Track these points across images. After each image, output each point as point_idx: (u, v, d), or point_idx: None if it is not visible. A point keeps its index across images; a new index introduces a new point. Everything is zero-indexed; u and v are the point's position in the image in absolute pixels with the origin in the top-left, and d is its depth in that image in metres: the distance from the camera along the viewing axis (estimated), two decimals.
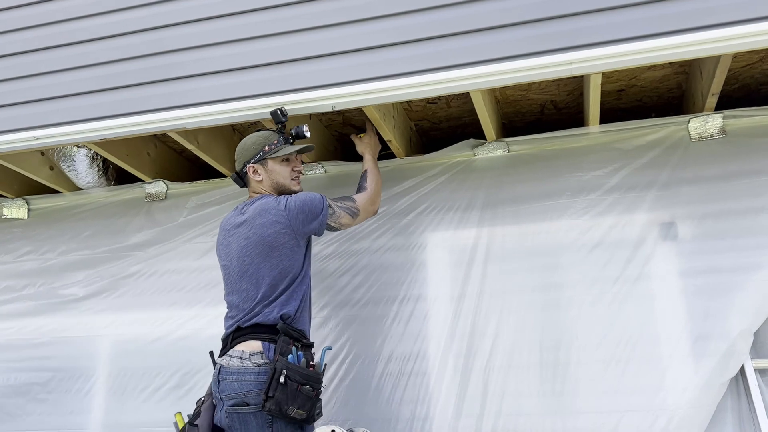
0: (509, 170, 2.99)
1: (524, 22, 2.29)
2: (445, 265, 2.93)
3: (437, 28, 2.38)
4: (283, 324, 2.26)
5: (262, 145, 2.54)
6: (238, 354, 2.26)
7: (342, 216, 2.51)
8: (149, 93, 2.70)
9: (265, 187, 2.55)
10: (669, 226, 2.72)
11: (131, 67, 2.74)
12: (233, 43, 2.62)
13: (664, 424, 2.47)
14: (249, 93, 2.57)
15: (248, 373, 2.21)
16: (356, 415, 2.78)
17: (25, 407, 3.25)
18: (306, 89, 2.51)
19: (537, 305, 2.76)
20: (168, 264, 3.28)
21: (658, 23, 2.17)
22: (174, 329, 3.16)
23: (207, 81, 2.63)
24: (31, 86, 2.85)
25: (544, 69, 2.28)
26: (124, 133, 2.73)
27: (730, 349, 2.49)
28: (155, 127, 2.70)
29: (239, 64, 2.59)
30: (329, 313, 2.96)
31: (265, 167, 2.54)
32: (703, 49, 2.16)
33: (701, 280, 2.62)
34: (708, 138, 2.79)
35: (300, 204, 2.41)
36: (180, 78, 2.67)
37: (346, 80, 2.46)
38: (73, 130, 2.77)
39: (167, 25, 2.73)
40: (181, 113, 2.64)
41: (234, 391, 2.20)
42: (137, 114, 2.69)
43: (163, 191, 3.43)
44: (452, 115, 3.17)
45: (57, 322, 3.34)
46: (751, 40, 2.12)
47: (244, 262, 2.38)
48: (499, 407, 2.66)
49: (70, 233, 3.51)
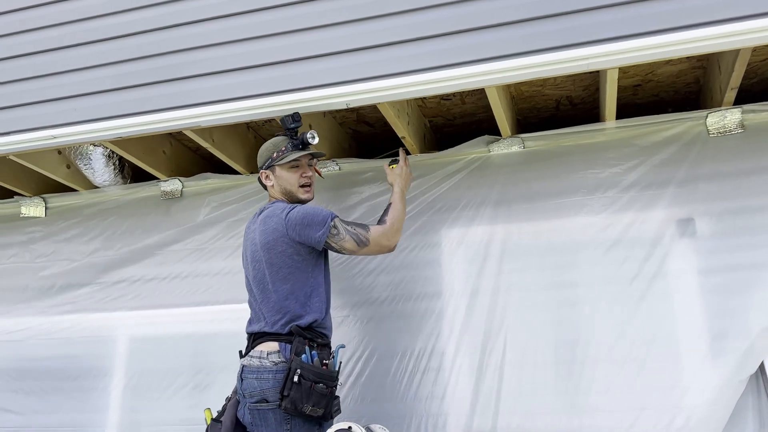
0: (524, 167, 2.97)
1: (540, 17, 2.27)
2: (460, 262, 2.92)
3: (452, 24, 2.37)
4: (296, 326, 2.32)
5: (272, 151, 2.57)
6: (258, 354, 2.33)
7: (346, 240, 2.39)
8: (164, 91, 2.71)
9: (276, 193, 2.59)
10: (687, 223, 2.69)
11: (147, 66, 2.75)
12: (248, 41, 2.62)
13: (682, 423, 2.45)
14: (264, 91, 2.57)
15: (266, 371, 2.27)
16: (372, 411, 2.78)
17: (43, 404, 3.28)
18: (320, 86, 2.50)
19: (553, 303, 2.74)
20: (188, 264, 3.29)
21: (675, 17, 2.14)
22: (194, 330, 3.17)
23: (222, 79, 2.63)
24: (48, 86, 2.87)
25: (560, 64, 2.26)
26: (140, 131, 2.75)
27: (750, 347, 2.46)
28: (170, 125, 2.71)
29: (254, 62, 2.59)
30: (347, 312, 2.97)
31: (274, 173, 2.57)
32: (722, 42, 2.13)
33: (720, 277, 2.59)
34: (726, 133, 2.75)
35: (301, 216, 2.39)
36: (195, 76, 2.67)
37: (360, 77, 2.46)
38: (89, 129, 2.78)
39: (182, 24, 2.74)
40: (196, 111, 2.65)
41: (254, 389, 2.27)
42: (153, 112, 2.70)
43: (178, 189, 3.44)
44: (466, 111, 3.16)
45: (75, 320, 3.37)
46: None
47: (255, 268, 2.45)
48: (514, 404, 2.65)
49: (89, 231, 3.53)
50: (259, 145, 3.43)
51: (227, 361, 2.98)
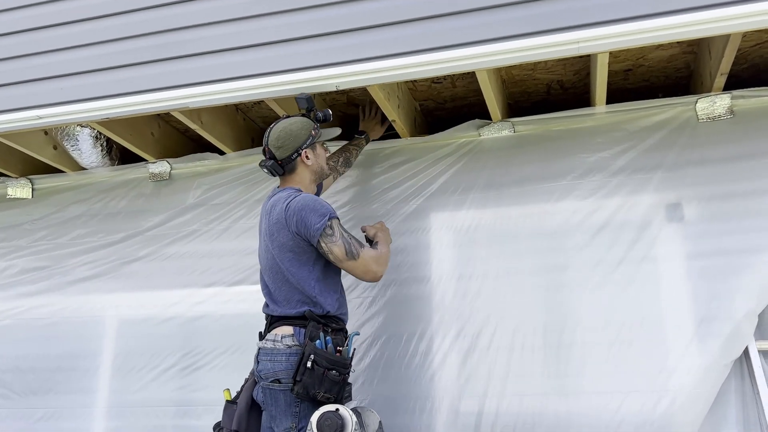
0: (515, 151, 2.97)
1: (531, 0, 2.26)
2: (449, 246, 2.92)
3: (442, 6, 2.34)
4: (310, 311, 2.32)
5: (308, 130, 2.52)
6: (272, 337, 2.34)
7: (337, 245, 2.31)
8: (152, 72, 2.68)
9: (306, 173, 2.53)
10: (675, 207, 2.71)
11: (134, 46, 2.72)
12: (236, 21, 2.59)
13: (667, 405, 2.48)
14: (252, 72, 2.54)
15: (280, 353, 2.28)
16: (361, 394, 2.79)
17: (32, 385, 3.27)
18: (310, 68, 2.48)
19: (542, 287, 2.76)
20: (176, 246, 3.28)
21: (666, 1, 2.13)
22: (182, 311, 3.17)
23: (210, 60, 2.61)
24: (34, 65, 2.84)
25: (551, 48, 2.25)
26: (128, 112, 2.72)
27: (735, 331, 2.49)
28: (158, 107, 2.69)
29: (243, 43, 2.56)
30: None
31: (314, 151, 2.55)
32: (713, 27, 2.13)
33: (707, 261, 2.61)
34: (716, 118, 2.76)
35: (302, 205, 2.35)
36: (183, 57, 2.64)
37: (350, 59, 2.44)
38: (76, 109, 2.75)
39: (170, 3, 2.70)
40: (184, 92, 2.62)
41: (268, 370, 2.29)
42: (140, 93, 2.67)
43: (167, 171, 3.42)
44: (457, 94, 3.15)
45: (64, 302, 3.35)
46: (763, 18, 2.09)
47: (268, 253, 2.42)
48: (502, 388, 2.67)
49: (76, 213, 3.51)
50: (248, 127, 3.44)
51: (215, 343, 3.00)
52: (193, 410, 2.98)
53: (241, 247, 3.15)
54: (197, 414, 2.98)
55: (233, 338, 3.00)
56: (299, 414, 2.23)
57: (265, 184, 3.21)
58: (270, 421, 2.32)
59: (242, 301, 3.07)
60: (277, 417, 2.27)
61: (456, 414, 2.69)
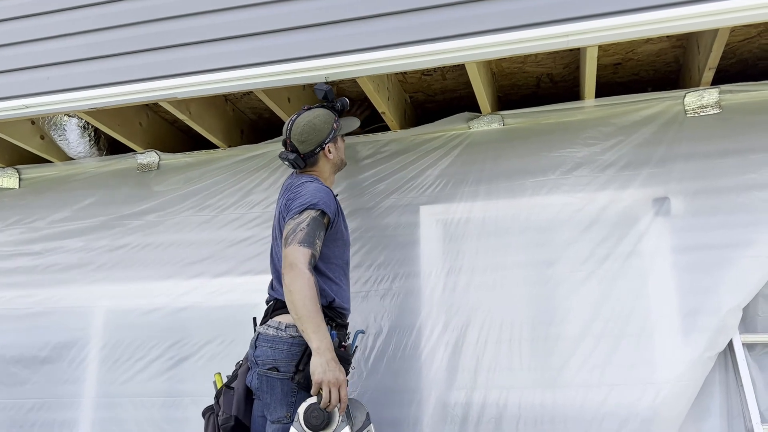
0: (504, 144, 2.97)
1: None
2: (438, 240, 2.93)
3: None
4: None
5: (330, 123, 2.55)
6: (275, 324, 2.32)
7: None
8: (141, 61, 2.66)
9: (327, 166, 2.57)
10: (662, 202, 2.72)
11: (123, 35, 2.69)
12: (225, 11, 2.57)
13: (652, 398, 2.50)
14: (241, 62, 2.53)
15: (282, 342, 2.27)
16: (350, 386, 2.79)
17: (18, 376, 3.26)
18: (299, 59, 2.47)
19: (530, 281, 2.77)
20: (163, 236, 3.27)
21: None
22: (170, 302, 3.16)
23: (199, 50, 2.59)
24: (21, 53, 2.81)
25: (540, 41, 2.25)
26: (116, 102, 2.70)
27: (720, 325, 2.51)
28: (147, 97, 2.67)
29: (231, 33, 2.55)
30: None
31: (336, 145, 2.60)
32: (701, 22, 2.14)
33: (693, 256, 2.62)
34: (704, 113, 2.77)
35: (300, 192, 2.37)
36: (172, 46, 2.62)
37: (340, 50, 2.43)
38: (63, 99, 2.73)
39: None
40: (172, 82, 2.60)
41: (267, 357, 2.27)
42: (129, 83, 2.65)
43: (155, 162, 3.40)
44: (447, 87, 3.14)
45: (51, 292, 3.34)
46: (750, 13, 2.10)
47: (274, 240, 2.48)
48: (490, 380, 2.68)
49: (63, 203, 3.49)
50: (237, 118, 3.42)
51: (203, 333, 2.99)
52: (180, 401, 2.99)
53: (227, 238, 3.15)
54: (184, 405, 2.98)
55: (219, 329, 3.01)
56: (295, 404, 2.21)
57: (254, 175, 3.21)
58: (263, 409, 2.30)
59: (228, 292, 3.07)
60: (272, 405, 2.25)
61: (444, 406, 2.70)
